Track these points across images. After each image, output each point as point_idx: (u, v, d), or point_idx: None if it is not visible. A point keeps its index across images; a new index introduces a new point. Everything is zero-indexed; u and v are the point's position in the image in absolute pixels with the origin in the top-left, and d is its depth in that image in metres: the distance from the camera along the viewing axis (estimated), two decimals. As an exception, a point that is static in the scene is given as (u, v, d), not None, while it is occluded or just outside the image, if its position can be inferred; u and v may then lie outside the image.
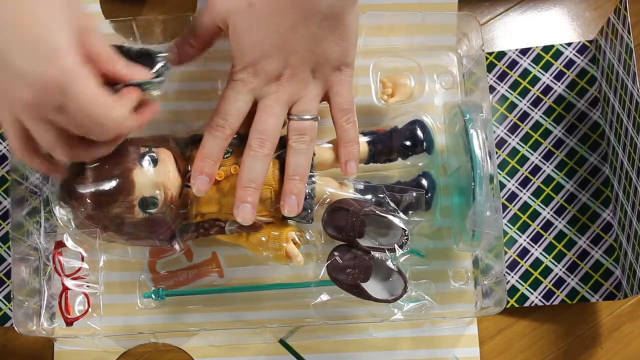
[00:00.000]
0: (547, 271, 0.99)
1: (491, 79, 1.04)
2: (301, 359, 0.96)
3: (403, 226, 0.87)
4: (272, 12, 0.79)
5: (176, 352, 0.97)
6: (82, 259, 0.93)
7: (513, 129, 1.03)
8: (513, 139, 1.03)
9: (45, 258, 0.93)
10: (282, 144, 0.86)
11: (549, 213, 1.01)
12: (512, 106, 1.04)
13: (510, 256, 1.00)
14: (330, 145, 0.91)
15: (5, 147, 1.00)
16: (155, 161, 0.83)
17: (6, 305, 0.96)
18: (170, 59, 0.79)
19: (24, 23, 0.63)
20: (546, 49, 1.05)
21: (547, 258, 1.00)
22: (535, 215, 1.01)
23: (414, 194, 0.90)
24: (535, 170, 1.02)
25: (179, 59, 0.86)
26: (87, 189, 0.82)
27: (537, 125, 1.04)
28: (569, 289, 0.99)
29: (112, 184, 0.81)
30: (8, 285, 0.96)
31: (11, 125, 0.71)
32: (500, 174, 1.02)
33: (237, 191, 0.83)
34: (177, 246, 0.87)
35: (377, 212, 0.86)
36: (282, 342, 0.96)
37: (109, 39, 0.99)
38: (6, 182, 0.99)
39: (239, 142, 0.86)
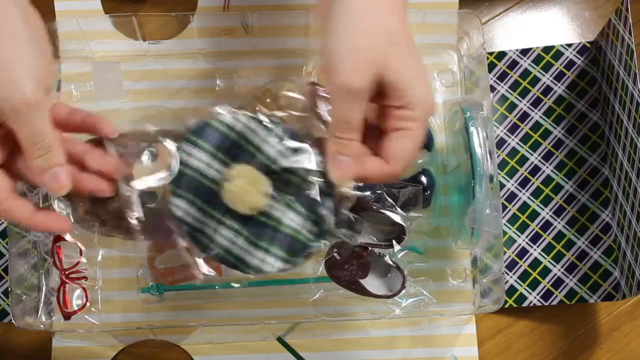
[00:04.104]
0: (545, 271, 0.99)
1: (491, 78, 1.04)
2: (299, 357, 0.96)
3: (401, 222, 0.87)
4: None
5: (175, 350, 0.97)
6: (81, 254, 0.93)
7: (513, 129, 1.03)
8: (513, 139, 1.03)
9: (44, 253, 0.93)
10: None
11: (548, 213, 1.01)
12: (512, 106, 1.04)
13: (509, 256, 1.00)
14: None
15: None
16: (154, 156, 0.83)
17: (5, 301, 0.96)
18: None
19: None
20: (546, 49, 1.05)
21: (545, 258, 1.00)
22: (534, 215, 1.01)
23: (412, 190, 0.90)
24: (535, 170, 1.02)
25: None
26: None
27: (537, 126, 1.04)
28: (567, 289, 0.99)
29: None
30: (7, 281, 0.96)
31: None
32: (499, 174, 1.02)
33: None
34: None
35: (374, 208, 0.86)
36: (281, 340, 0.96)
37: (108, 35, 1.00)
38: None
39: None
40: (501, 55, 1.05)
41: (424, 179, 0.93)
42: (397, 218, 0.87)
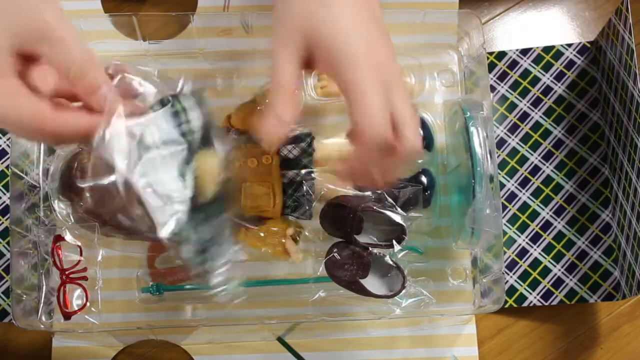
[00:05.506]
0: (546, 271, 0.99)
1: (491, 78, 1.04)
2: (299, 357, 0.96)
3: (401, 222, 0.87)
4: None
5: (175, 350, 0.97)
6: (81, 254, 0.93)
7: (513, 129, 1.03)
8: (513, 139, 1.03)
9: (44, 253, 0.93)
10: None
11: (548, 213, 1.01)
12: (512, 106, 1.04)
13: (509, 256, 1.00)
14: (334, 141, 0.91)
15: (4, 142, 1.00)
16: None
17: (5, 301, 0.96)
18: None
19: None
20: (547, 49, 1.05)
21: (546, 258, 1.00)
22: (534, 215, 1.01)
23: (412, 190, 0.90)
24: (535, 170, 1.02)
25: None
26: (86, 183, 0.82)
27: (537, 126, 1.04)
28: (567, 289, 0.99)
29: (112, 178, 0.81)
30: (7, 280, 0.96)
31: None
32: (499, 174, 1.02)
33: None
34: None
35: (374, 208, 0.86)
36: (281, 340, 0.96)
37: (108, 35, 1.00)
38: (6, 177, 0.99)
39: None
40: (501, 55, 1.05)
41: (424, 179, 0.93)
42: (397, 218, 0.87)
